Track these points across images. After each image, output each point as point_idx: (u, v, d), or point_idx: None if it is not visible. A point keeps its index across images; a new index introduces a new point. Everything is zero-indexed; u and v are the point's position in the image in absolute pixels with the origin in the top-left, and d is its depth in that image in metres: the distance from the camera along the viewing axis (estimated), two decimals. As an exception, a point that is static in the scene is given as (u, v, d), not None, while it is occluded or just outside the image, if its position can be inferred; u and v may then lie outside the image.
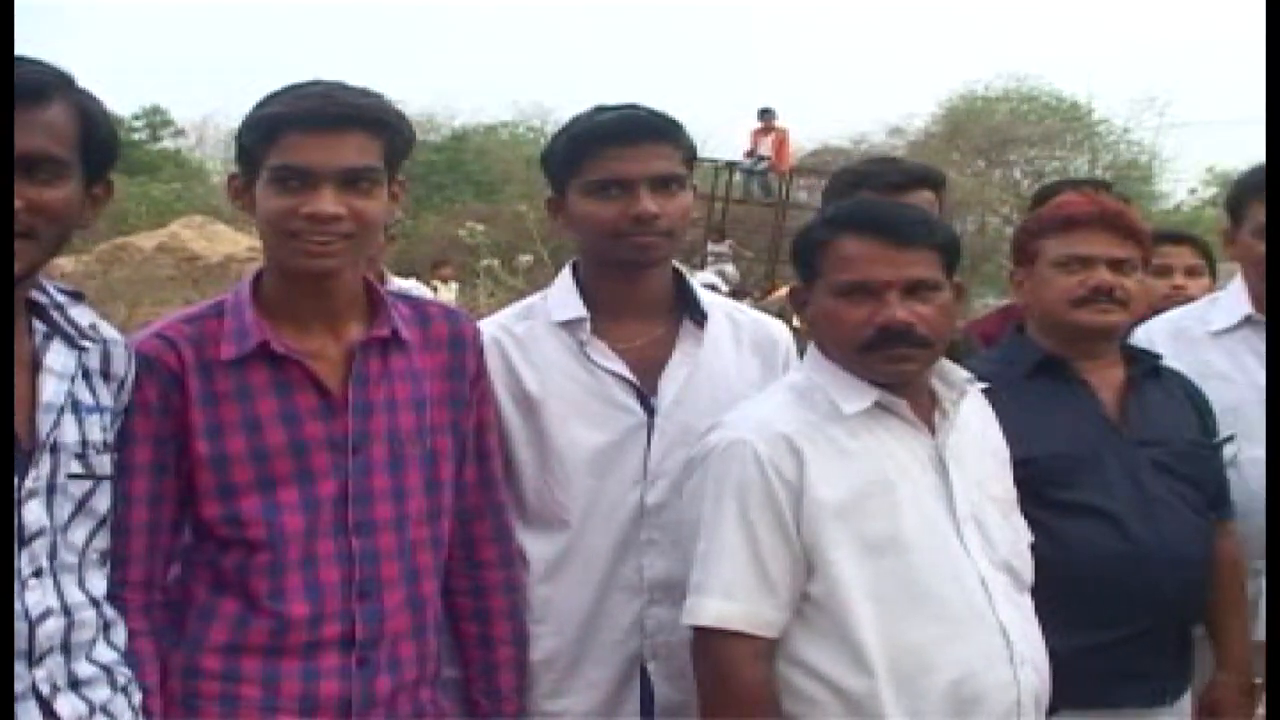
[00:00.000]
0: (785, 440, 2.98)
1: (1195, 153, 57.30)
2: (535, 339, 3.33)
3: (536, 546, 3.29)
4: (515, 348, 3.30)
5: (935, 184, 4.33)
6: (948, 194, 4.51)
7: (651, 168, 3.23)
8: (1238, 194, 4.33)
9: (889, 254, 3.03)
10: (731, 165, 27.35)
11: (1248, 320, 4.22)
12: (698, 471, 3.05)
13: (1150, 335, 4.24)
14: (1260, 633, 3.94)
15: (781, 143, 27.45)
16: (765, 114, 27.38)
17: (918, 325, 3.01)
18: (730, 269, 23.52)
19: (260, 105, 2.85)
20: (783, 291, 9.57)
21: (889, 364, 3.03)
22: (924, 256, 3.06)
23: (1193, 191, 38.08)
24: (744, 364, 3.45)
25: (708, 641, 2.97)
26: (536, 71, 68.24)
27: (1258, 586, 3.97)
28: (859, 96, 63.06)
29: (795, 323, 3.94)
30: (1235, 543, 3.85)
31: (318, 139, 2.79)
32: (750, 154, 27.43)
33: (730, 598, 2.94)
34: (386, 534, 2.92)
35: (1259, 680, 3.82)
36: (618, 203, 3.21)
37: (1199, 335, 4.24)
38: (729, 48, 75.36)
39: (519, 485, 3.30)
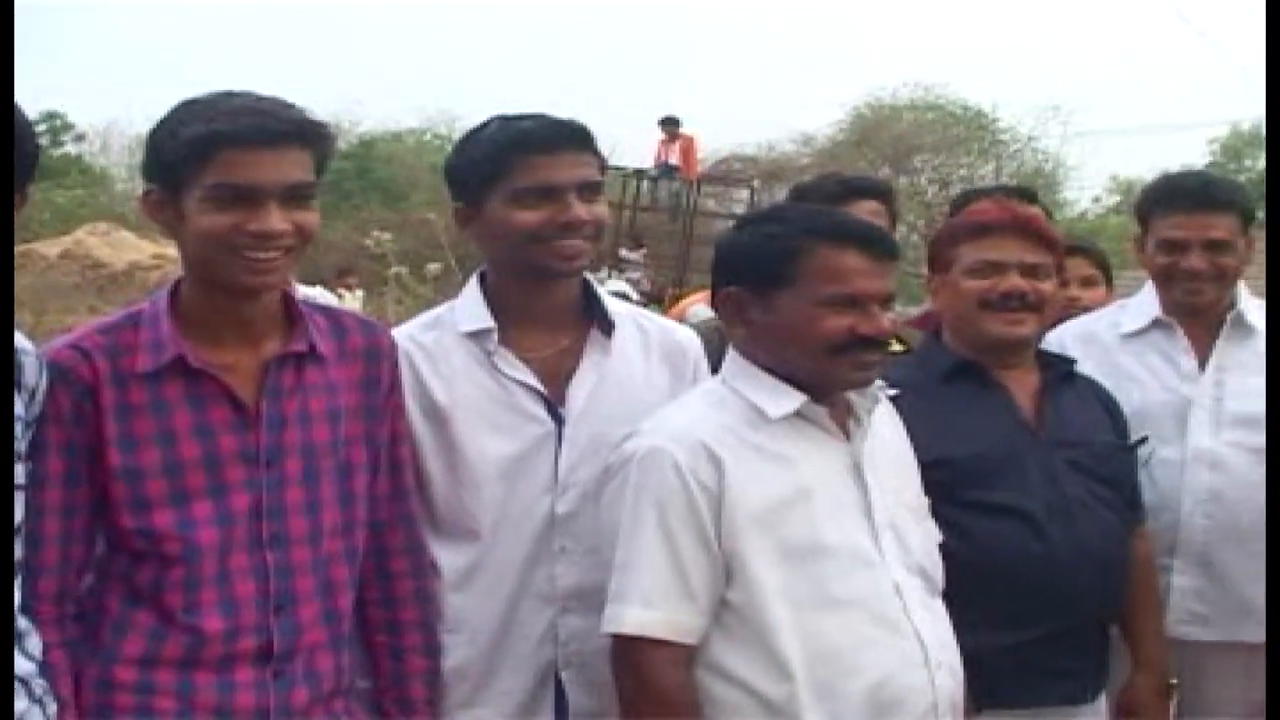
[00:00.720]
0: (704, 448, 3.00)
1: (1099, 161, 58.04)
2: (443, 350, 3.33)
3: (448, 556, 3.29)
4: (423, 359, 3.30)
5: (879, 194, 4.46)
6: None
7: (579, 174, 3.27)
8: (1144, 206, 4.45)
9: (877, 268, 3.11)
10: (640, 173, 27.39)
11: (1156, 323, 4.32)
12: (616, 479, 3.06)
13: (1062, 339, 4.36)
14: (1174, 628, 4.09)
15: (688, 150, 27.48)
16: (669, 123, 27.37)
17: (889, 336, 3.14)
18: (640, 276, 23.56)
19: (182, 120, 2.80)
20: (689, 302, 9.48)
21: (857, 370, 3.11)
22: (892, 271, 3.15)
23: (1097, 199, 38.62)
24: (652, 372, 3.47)
25: (628, 649, 2.98)
26: (443, 78, 68.09)
27: (1167, 583, 4.13)
28: (767, 104, 63.38)
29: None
30: (1148, 545, 3.95)
31: (259, 156, 2.77)
32: (659, 163, 27.45)
33: (650, 605, 2.95)
34: (301, 547, 2.91)
35: (1174, 681, 3.94)
36: (544, 209, 3.23)
37: (1109, 339, 4.37)
38: (636, 55, 75.36)
39: (429, 496, 3.30)
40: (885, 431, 3.30)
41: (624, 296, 12.89)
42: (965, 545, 3.45)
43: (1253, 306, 4.35)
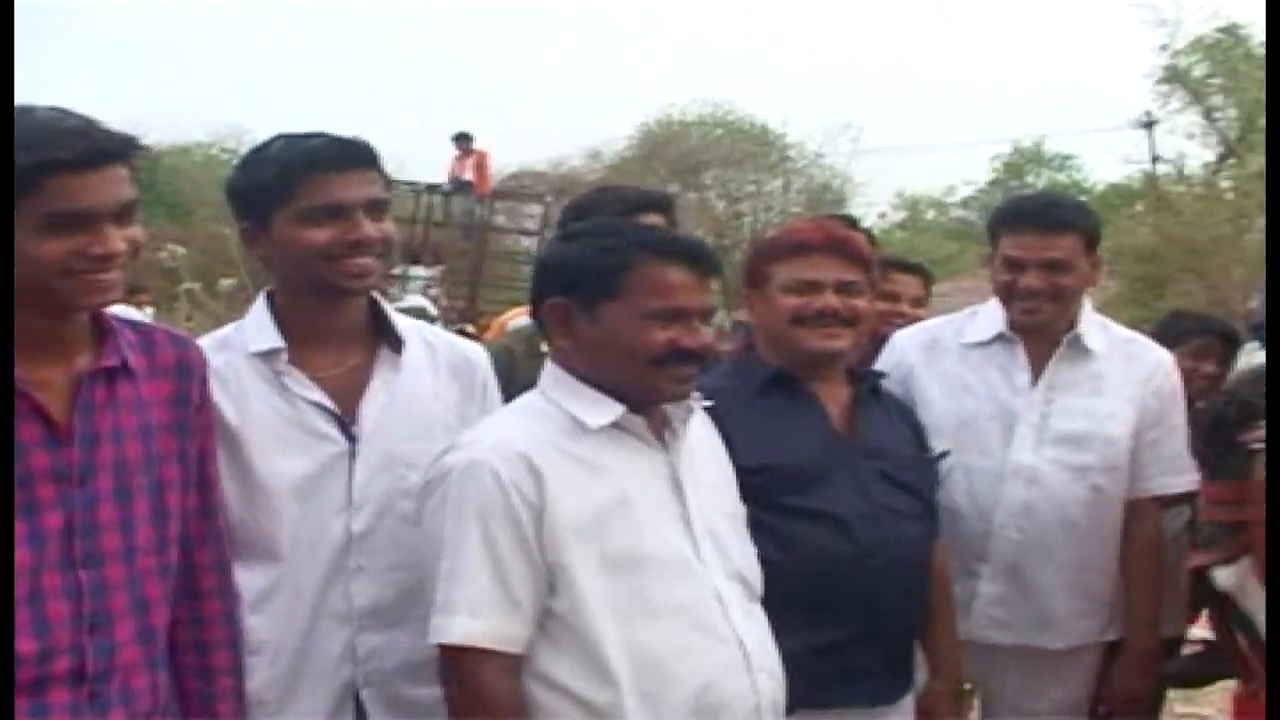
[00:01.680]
0: (524, 459, 3.03)
1: (886, 177, 59.02)
2: (233, 371, 3.31)
3: (246, 577, 3.26)
4: (213, 380, 3.23)
5: (660, 207, 4.48)
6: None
7: (366, 193, 3.29)
8: (991, 225, 4.58)
9: (700, 283, 3.18)
10: (433, 188, 27.27)
11: (1000, 337, 4.44)
12: (437, 492, 3.08)
13: (904, 344, 4.51)
14: (977, 632, 4.25)
15: (481, 166, 27.44)
16: (462, 138, 27.33)
17: (710, 350, 3.20)
18: (437, 293, 23.45)
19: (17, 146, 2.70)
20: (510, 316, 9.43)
21: (677, 383, 3.17)
22: (712, 285, 3.23)
23: (882, 215, 39.26)
24: (442, 388, 3.49)
25: (456, 659, 3.01)
26: (231, 91, 67.14)
27: (974, 589, 4.30)
28: (557, 119, 63.39)
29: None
30: (945, 556, 4.08)
31: (89, 178, 2.71)
32: (453, 179, 27.36)
33: (476, 615, 2.98)
34: (115, 565, 2.85)
35: (967, 685, 4.11)
36: (333, 228, 3.24)
37: (952, 346, 4.49)
38: (429, 70, 75.12)
39: (225, 517, 3.26)
40: (701, 441, 3.38)
41: (422, 312, 12.86)
42: (781, 549, 3.55)
43: (1094, 327, 4.47)
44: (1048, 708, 4.42)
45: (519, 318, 7.41)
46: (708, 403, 3.38)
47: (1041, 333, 4.41)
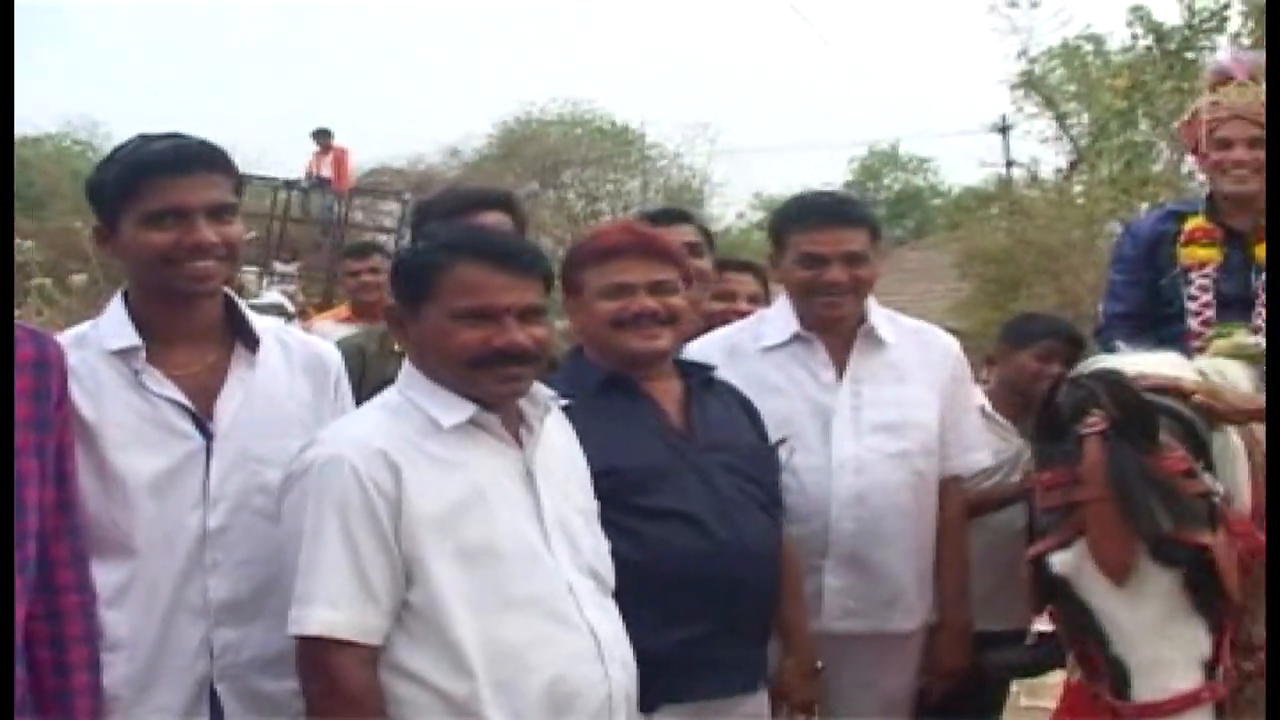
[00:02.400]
0: (382, 455, 3.11)
1: (744, 178, 59.37)
2: (89, 368, 3.32)
3: (102, 573, 3.27)
4: (70, 377, 3.24)
5: (502, 204, 4.54)
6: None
7: (207, 197, 3.32)
8: (780, 224, 4.66)
9: (508, 281, 3.24)
10: (291, 184, 27.01)
11: (796, 337, 4.52)
12: (296, 488, 3.16)
13: (705, 351, 4.52)
14: (828, 624, 4.35)
15: (341, 163, 27.25)
16: (321, 135, 27.12)
17: (532, 348, 3.23)
18: (295, 289, 23.23)
19: None
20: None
21: (501, 383, 3.25)
22: (535, 284, 3.29)
23: (741, 215, 39.42)
24: (296, 386, 3.55)
25: (315, 650, 3.08)
26: (85, 82, 65.95)
27: (820, 583, 4.40)
28: (416, 117, 63.09)
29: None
30: (790, 540, 4.17)
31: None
32: (311, 175, 27.13)
33: (335, 607, 3.06)
34: None
35: (820, 664, 4.20)
36: (174, 231, 3.28)
37: (751, 351, 4.54)
38: (288, 64, 74.34)
39: (82, 512, 3.27)
40: (557, 439, 3.47)
41: (280, 308, 12.73)
42: (636, 549, 3.63)
43: (883, 319, 4.60)
44: (877, 695, 4.56)
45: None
46: (564, 401, 3.47)
47: (836, 328, 4.52)
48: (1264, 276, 4.86)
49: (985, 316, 16.28)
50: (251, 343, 3.45)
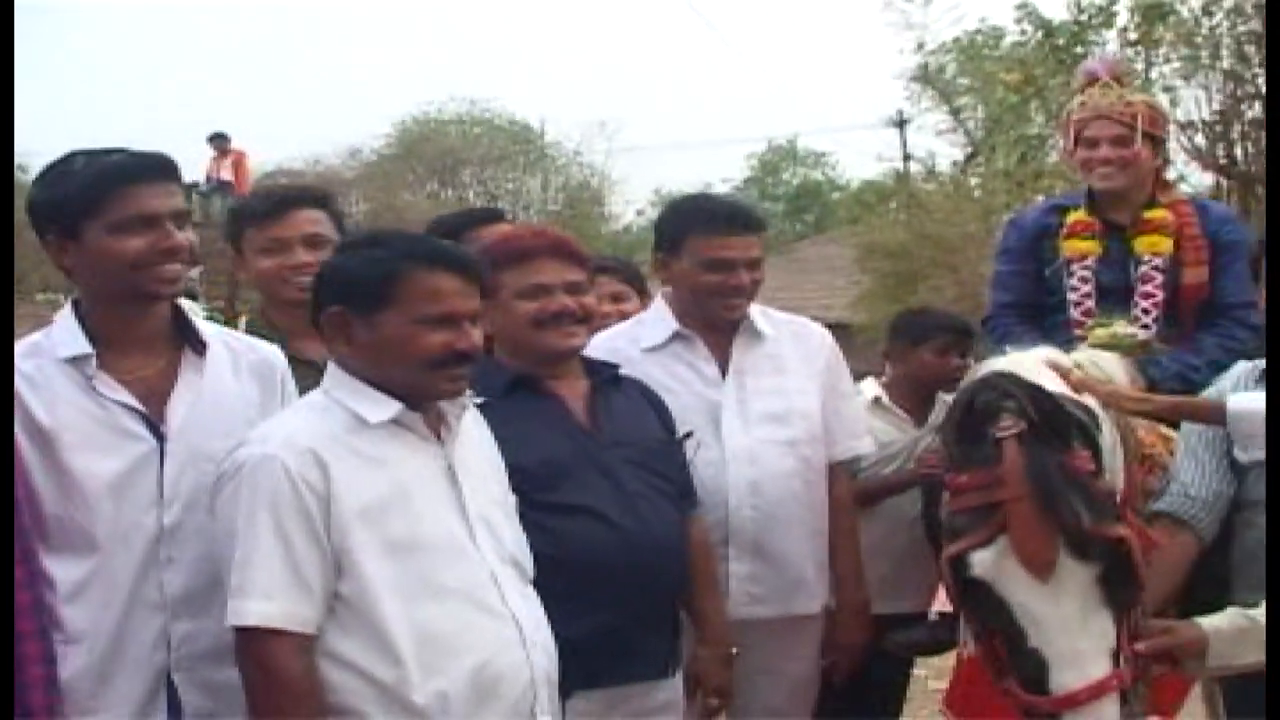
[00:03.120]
0: (311, 453, 3.23)
1: (644, 175, 59.36)
2: (44, 376, 3.42)
3: (62, 570, 3.37)
4: (25, 384, 3.38)
5: (318, 202, 4.61)
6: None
7: (172, 203, 3.46)
8: (678, 227, 4.75)
9: (462, 287, 3.40)
10: (189, 188, 26.79)
11: (676, 336, 4.67)
12: (229, 486, 3.26)
13: (588, 355, 4.55)
14: (736, 610, 4.46)
15: (239, 166, 27.06)
16: (218, 138, 26.95)
17: (479, 349, 3.42)
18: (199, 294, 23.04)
19: None
20: None
21: (451, 382, 3.40)
22: (478, 289, 3.47)
23: (640, 213, 39.39)
24: (243, 388, 3.66)
25: (252, 641, 3.20)
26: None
27: (725, 571, 4.51)
28: (314, 118, 62.66)
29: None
30: (703, 530, 4.32)
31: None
32: (210, 179, 26.94)
33: (270, 598, 3.17)
34: None
35: (735, 650, 4.32)
36: (145, 237, 3.39)
37: (633, 354, 4.63)
38: (180, 67, 73.60)
39: (41, 513, 3.37)
40: (474, 436, 3.59)
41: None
42: (547, 542, 3.74)
43: (758, 314, 4.76)
44: (784, 679, 4.72)
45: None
46: (479, 399, 3.60)
47: (713, 326, 4.68)
48: (1141, 268, 5.05)
49: (885, 310, 16.37)
50: (199, 347, 3.57)
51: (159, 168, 3.48)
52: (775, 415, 4.66)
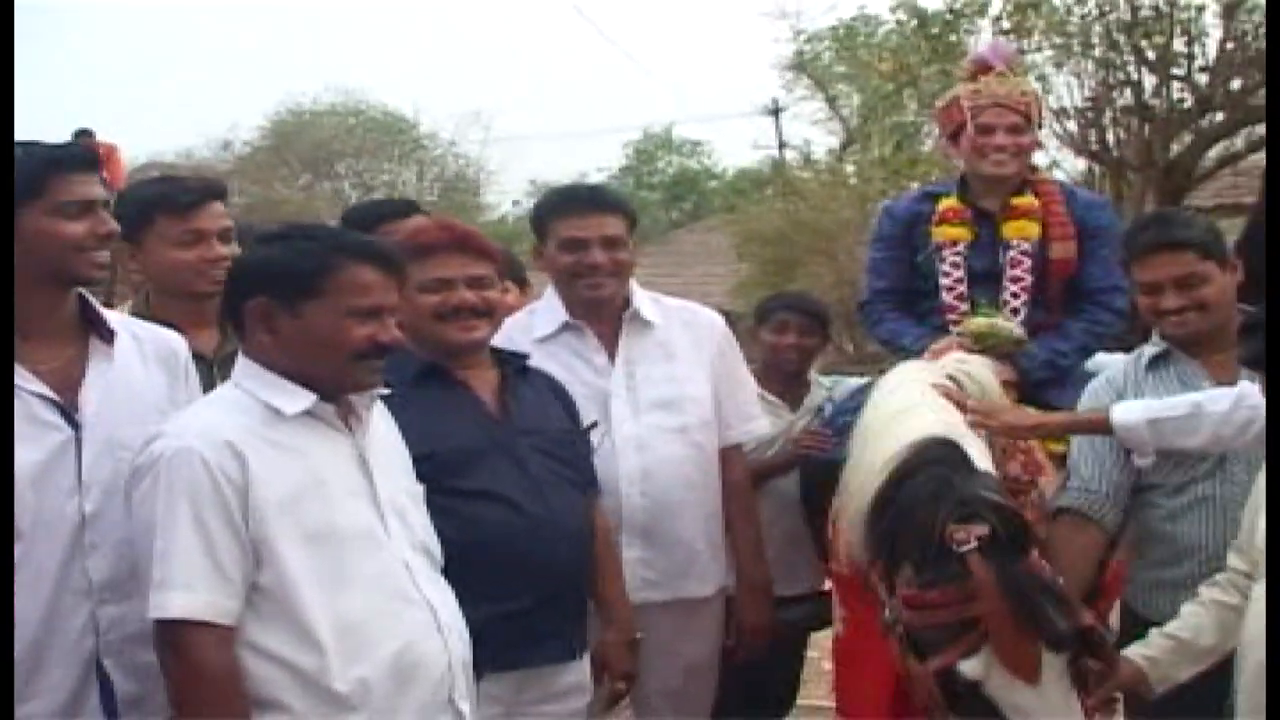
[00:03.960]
0: (228, 445, 3.27)
1: (519, 165, 59.27)
2: None
3: None
4: None
5: (222, 196, 4.63)
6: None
7: (102, 192, 3.55)
8: (541, 215, 4.90)
9: (391, 282, 3.49)
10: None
11: (566, 326, 4.77)
12: (147, 478, 3.29)
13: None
14: (631, 595, 4.54)
15: (111, 159, 26.66)
16: (83, 135, 26.57)
17: (397, 343, 3.52)
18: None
19: None
20: None
21: (371, 374, 3.48)
22: (400, 284, 3.55)
23: (516, 203, 39.31)
24: (151, 375, 3.69)
25: (174, 633, 3.23)
26: None
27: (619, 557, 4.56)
28: (186, 110, 61.98)
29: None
30: (605, 517, 4.44)
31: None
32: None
33: (192, 590, 3.20)
34: None
35: (640, 635, 4.45)
36: (85, 222, 3.46)
37: (524, 343, 4.67)
38: (45, 64, 72.45)
39: None
40: (381, 426, 3.65)
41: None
42: (458, 528, 3.81)
43: (646, 301, 4.89)
44: (680, 661, 4.83)
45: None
46: (386, 391, 3.64)
47: (603, 314, 4.81)
48: (1010, 253, 5.15)
49: (765, 297, 16.48)
50: (107, 335, 3.60)
51: (91, 159, 3.58)
52: (665, 402, 4.78)
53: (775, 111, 32.01)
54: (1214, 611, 3.89)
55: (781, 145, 31.39)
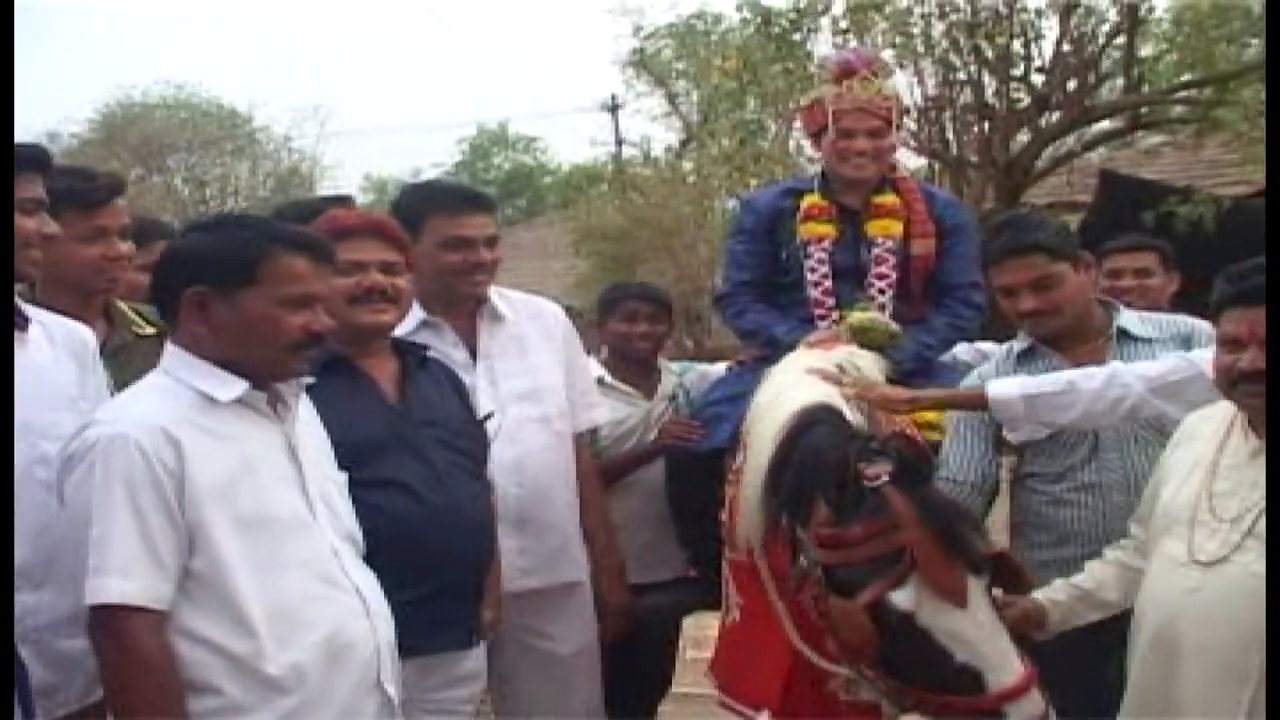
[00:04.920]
0: (164, 431, 3.33)
1: (355, 160, 58.79)
2: None
3: None
4: None
5: (121, 191, 4.61)
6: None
7: (43, 192, 3.64)
8: (416, 209, 4.93)
9: (323, 272, 3.58)
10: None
11: (424, 324, 4.88)
12: (81, 465, 3.33)
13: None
14: (508, 584, 4.67)
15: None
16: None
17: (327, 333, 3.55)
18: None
19: None
20: None
21: (302, 363, 3.57)
22: (329, 274, 3.65)
23: (350, 198, 39.14)
24: (61, 364, 3.75)
25: (110, 618, 3.27)
26: None
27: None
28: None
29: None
30: (495, 505, 4.50)
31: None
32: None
33: (128, 576, 3.25)
34: None
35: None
36: (34, 219, 3.57)
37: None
38: None
39: None
40: (305, 415, 3.73)
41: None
42: (362, 517, 3.84)
43: (497, 297, 5.03)
44: (555, 647, 4.99)
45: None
46: (310, 380, 3.72)
47: (459, 310, 4.94)
48: (875, 250, 5.28)
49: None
50: (21, 323, 3.64)
51: (42, 157, 3.67)
52: (526, 393, 4.93)
53: (613, 108, 32.15)
54: (1117, 570, 4.11)
55: (619, 142, 31.53)
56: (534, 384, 4.97)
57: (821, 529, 3.71)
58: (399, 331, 4.68)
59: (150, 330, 4.46)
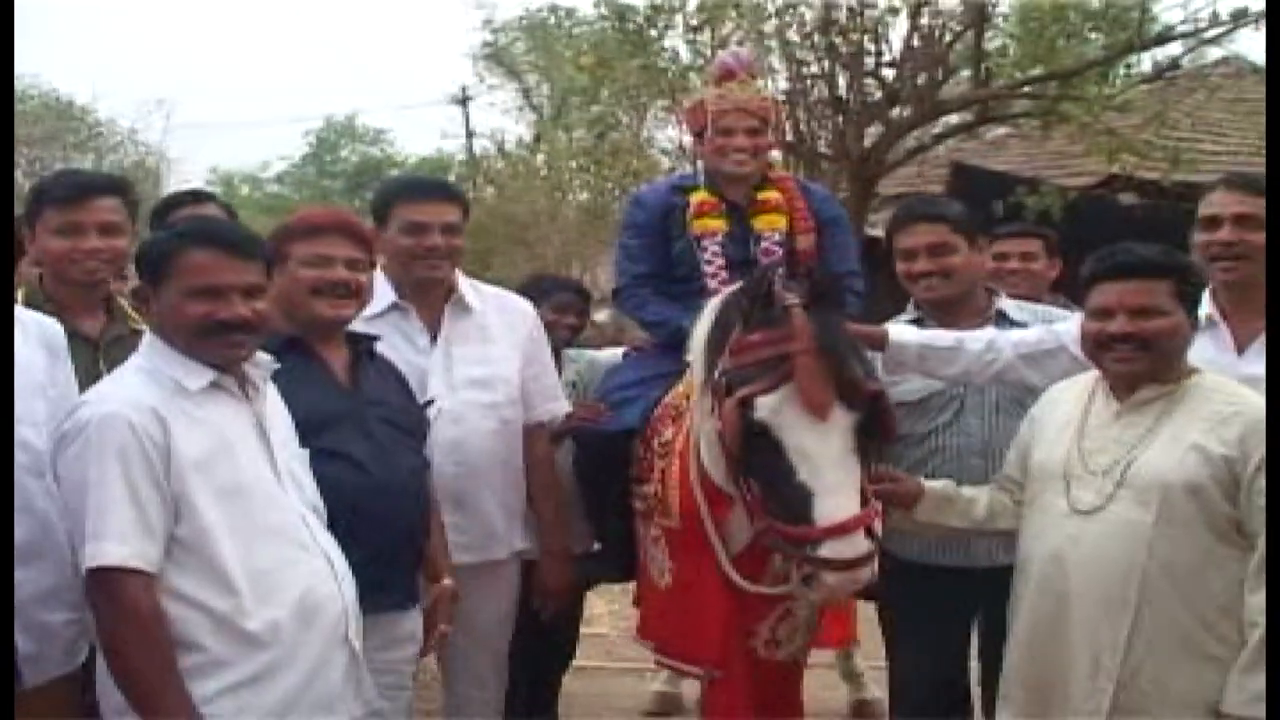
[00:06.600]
0: (152, 410, 3.62)
1: (203, 153, 58.04)
2: None
3: None
4: None
5: (118, 191, 4.88)
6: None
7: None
8: (384, 199, 5.34)
9: (230, 263, 3.78)
10: None
11: (394, 306, 5.20)
12: (76, 442, 3.60)
13: None
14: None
15: None
16: None
17: (252, 319, 3.79)
18: None
19: None
20: None
21: (227, 349, 3.81)
22: (255, 266, 3.86)
23: (196, 193, 38.62)
24: (32, 354, 4.00)
25: (108, 580, 3.55)
26: None
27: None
28: None
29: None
30: (429, 484, 4.79)
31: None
32: None
33: (124, 541, 3.53)
34: None
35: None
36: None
37: (355, 321, 4.88)
38: None
39: None
40: (272, 396, 4.01)
41: None
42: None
43: (468, 288, 5.35)
44: (483, 620, 5.30)
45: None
46: (276, 365, 4.02)
47: (429, 298, 5.27)
48: (763, 243, 5.55)
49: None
50: None
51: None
52: (479, 380, 5.24)
53: (464, 100, 32.14)
54: (989, 496, 4.56)
55: (470, 134, 31.53)
56: (489, 373, 5.27)
57: (734, 344, 4.22)
58: (370, 311, 4.97)
59: (145, 326, 4.63)
